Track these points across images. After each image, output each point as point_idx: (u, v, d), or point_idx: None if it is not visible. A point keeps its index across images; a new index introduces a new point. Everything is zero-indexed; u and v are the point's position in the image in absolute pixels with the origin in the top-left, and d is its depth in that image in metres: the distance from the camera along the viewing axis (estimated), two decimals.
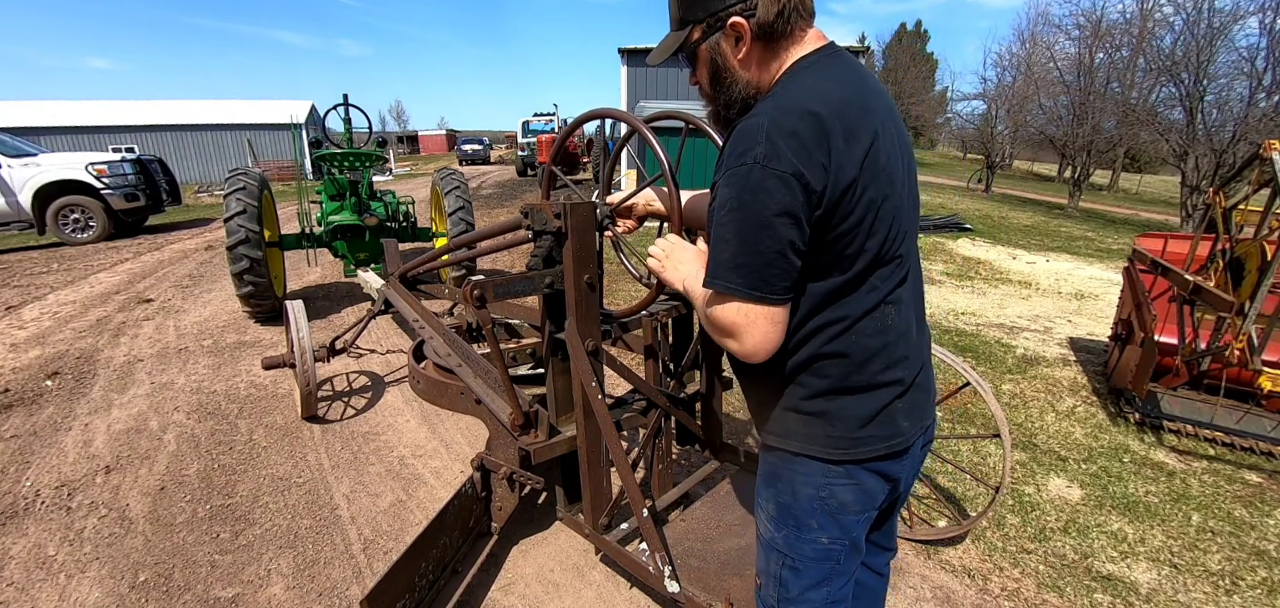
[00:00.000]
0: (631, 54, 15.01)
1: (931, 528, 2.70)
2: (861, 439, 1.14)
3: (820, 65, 1.08)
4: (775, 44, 1.10)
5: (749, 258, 1.01)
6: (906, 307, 1.16)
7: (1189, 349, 3.58)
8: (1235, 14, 13.81)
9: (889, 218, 1.06)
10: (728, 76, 1.14)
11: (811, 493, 1.18)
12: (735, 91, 1.15)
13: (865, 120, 1.02)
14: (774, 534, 1.26)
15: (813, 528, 1.20)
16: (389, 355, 4.74)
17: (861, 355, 1.11)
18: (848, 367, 1.11)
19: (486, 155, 36.83)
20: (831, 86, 1.03)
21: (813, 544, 1.21)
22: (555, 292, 1.90)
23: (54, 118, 26.22)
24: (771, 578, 1.29)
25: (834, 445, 1.14)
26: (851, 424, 1.13)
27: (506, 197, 16.43)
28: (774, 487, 1.25)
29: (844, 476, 1.16)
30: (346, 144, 6.38)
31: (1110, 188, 30.87)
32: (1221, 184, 3.86)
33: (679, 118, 2.10)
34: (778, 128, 0.97)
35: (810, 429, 1.16)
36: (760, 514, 1.31)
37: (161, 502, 2.85)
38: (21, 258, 8.48)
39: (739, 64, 1.12)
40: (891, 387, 1.14)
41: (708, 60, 1.15)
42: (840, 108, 0.99)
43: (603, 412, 1.84)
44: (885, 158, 1.04)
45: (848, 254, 1.05)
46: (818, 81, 1.04)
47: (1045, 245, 11.23)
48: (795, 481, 1.19)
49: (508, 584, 2.36)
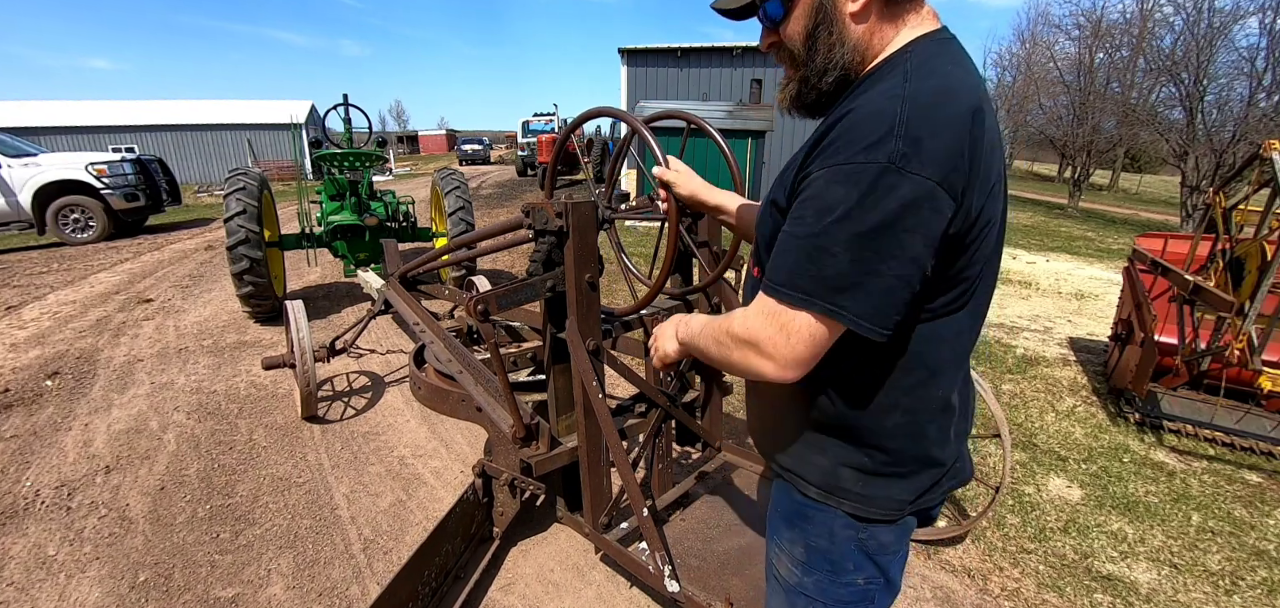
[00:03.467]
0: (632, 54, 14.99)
1: (931, 528, 2.70)
2: (911, 497, 1.03)
3: (948, 48, 0.89)
4: (897, 7, 0.90)
5: (862, 278, 0.80)
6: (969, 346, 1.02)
7: (1189, 349, 3.58)
8: (1235, 14, 13.84)
9: (998, 251, 0.93)
10: (835, 32, 0.91)
11: (851, 536, 1.04)
12: (837, 54, 0.92)
13: (993, 126, 0.85)
14: (802, 579, 1.10)
15: (849, 571, 1.06)
16: (389, 355, 4.74)
17: (931, 406, 0.98)
18: (918, 416, 0.97)
19: (486, 155, 36.84)
20: (970, 78, 0.85)
21: (849, 588, 1.08)
22: (556, 294, 1.90)
23: (54, 118, 26.21)
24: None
25: (883, 507, 1.02)
26: (905, 493, 1.01)
27: (506, 197, 16.43)
28: (802, 529, 1.09)
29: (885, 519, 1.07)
30: (346, 144, 6.38)
31: (1110, 188, 30.88)
32: (1221, 184, 3.86)
33: (679, 118, 2.10)
34: (922, 118, 0.78)
35: (857, 484, 1.01)
36: (781, 556, 1.14)
37: (161, 502, 2.85)
38: (21, 258, 8.47)
39: (851, 19, 0.90)
40: (952, 444, 1.03)
41: (810, 9, 0.92)
42: (982, 107, 0.82)
43: (603, 411, 1.84)
44: (999, 176, 0.89)
45: (959, 288, 0.89)
46: (956, 68, 0.86)
47: (1045, 245, 11.23)
48: (833, 525, 1.05)
49: (508, 584, 2.36)
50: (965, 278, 0.89)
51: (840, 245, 0.80)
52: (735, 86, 14.96)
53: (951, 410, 1.01)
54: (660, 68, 15.22)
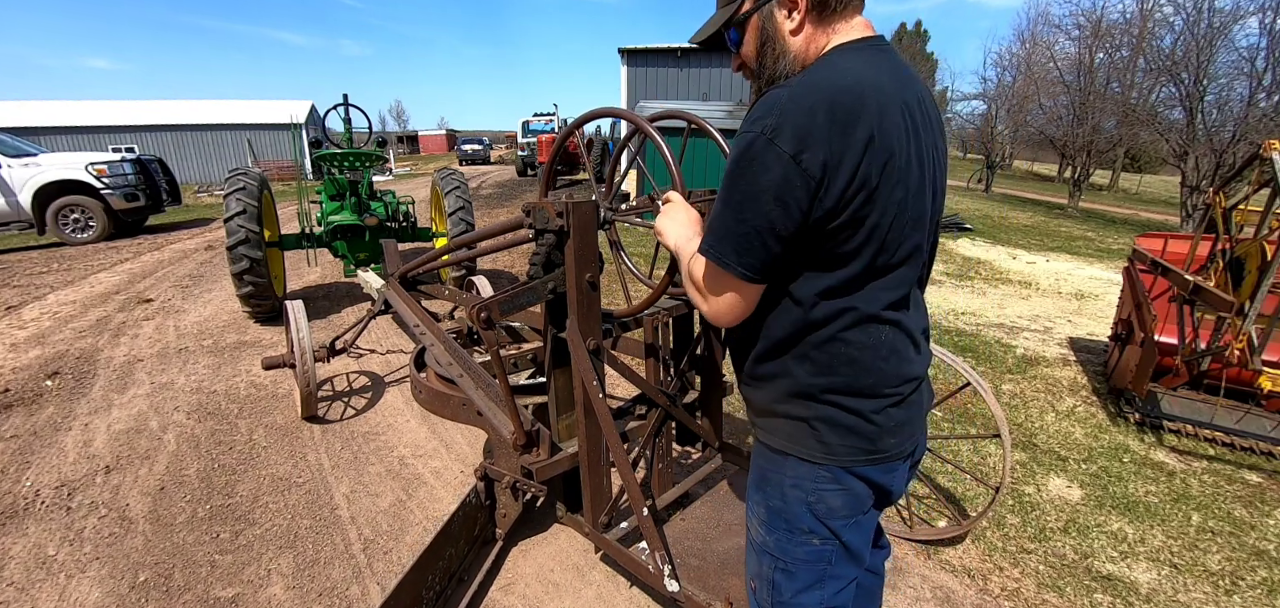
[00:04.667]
0: (631, 54, 14.99)
1: (931, 528, 2.70)
2: (842, 449, 1.13)
3: (862, 52, 1.05)
4: (827, 18, 1.07)
5: (733, 226, 1.02)
6: (906, 325, 1.13)
7: (1189, 349, 3.58)
8: (1235, 14, 13.83)
9: (897, 228, 1.02)
10: (777, 48, 1.11)
11: (800, 496, 1.17)
12: (782, 64, 1.12)
13: (891, 118, 0.98)
14: (765, 538, 1.26)
15: (803, 531, 1.19)
16: (389, 355, 4.74)
17: (850, 365, 1.09)
18: (836, 375, 1.09)
19: (486, 155, 36.83)
20: (869, 74, 0.99)
21: (804, 547, 1.20)
22: (557, 296, 1.90)
23: (54, 118, 26.20)
24: (765, 582, 1.29)
25: (818, 448, 1.14)
26: (835, 432, 1.12)
27: (506, 197, 16.43)
28: (763, 491, 1.25)
29: (831, 480, 1.15)
30: (346, 144, 6.38)
31: (1110, 188, 30.88)
32: (1221, 184, 3.86)
33: (680, 118, 2.10)
34: (796, 104, 0.95)
35: (795, 431, 1.16)
36: (752, 519, 1.31)
37: (161, 502, 2.85)
38: (21, 258, 8.47)
39: (790, 35, 1.09)
40: (880, 400, 1.12)
41: (758, 29, 1.13)
42: (868, 98, 0.96)
43: (603, 411, 1.84)
44: (904, 163, 1.00)
45: (842, 253, 1.02)
46: (854, 66, 1.01)
47: (1045, 245, 11.24)
48: (784, 484, 1.19)
49: (508, 584, 2.36)
50: (851, 239, 1.01)
51: (723, 197, 1.03)
52: (735, 86, 14.97)
53: (869, 370, 1.10)
54: (660, 68, 15.24)
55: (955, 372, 2.52)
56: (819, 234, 1.01)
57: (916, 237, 1.08)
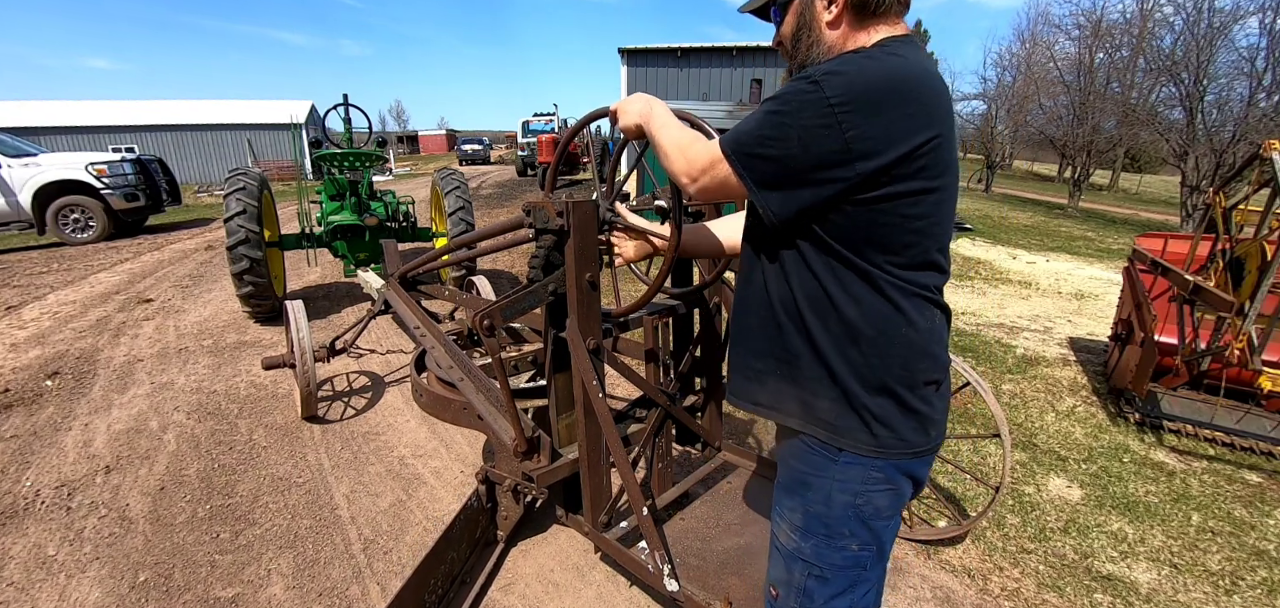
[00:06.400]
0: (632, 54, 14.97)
1: (931, 528, 2.70)
2: (894, 442, 1.11)
3: (906, 47, 1.06)
4: (866, 19, 1.09)
5: (758, 132, 1.03)
6: (944, 312, 1.16)
7: (1189, 349, 3.58)
8: (1235, 14, 13.83)
9: (938, 219, 1.05)
10: (811, 35, 1.12)
11: (847, 500, 1.14)
12: (815, 52, 1.12)
13: (937, 111, 1.00)
14: (800, 544, 1.21)
15: (844, 536, 1.16)
16: (389, 355, 4.74)
17: (908, 349, 1.08)
18: (892, 359, 1.08)
19: (486, 155, 36.83)
20: (918, 63, 1.02)
21: (842, 552, 1.17)
22: (557, 296, 1.90)
23: (54, 118, 26.21)
24: (794, 590, 1.24)
25: (878, 443, 1.10)
26: (895, 420, 1.10)
27: (506, 197, 16.43)
28: (802, 496, 1.19)
29: (883, 481, 1.13)
30: (346, 144, 6.38)
31: (1110, 188, 30.88)
32: (1221, 184, 3.86)
33: (680, 117, 2.09)
34: (850, 66, 0.98)
35: (849, 422, 1.11)
36: (781, 524, 1.25)
37: (161, 502, 2.85)
38: (21, 258, 8.48)
39: (826, 26, 1.11)
40: (931, 387, 1.12)
41: (798, 13, 1.14)
42: (919, 84, 0.99)
43: (603, 410, 1.84)
44: (950, 154, 1.03)
45: (904, 232, 1.02)
46: (909, 54, 1.03)
47: (1045, 245, 11.24)
48: (830, 489, 1.15)
49: (508, 584, 2.36)
50: (900, 217, 1.01)
51: (760, 114, 1.03)
52: (735, 86, 14.96)
53: (924, 355, 1.10)
54: (660, 68, 15.21)
55: (955, 371, 2.52)
56: (866, 202, 1.00)
57: (947, 231, 1.10)
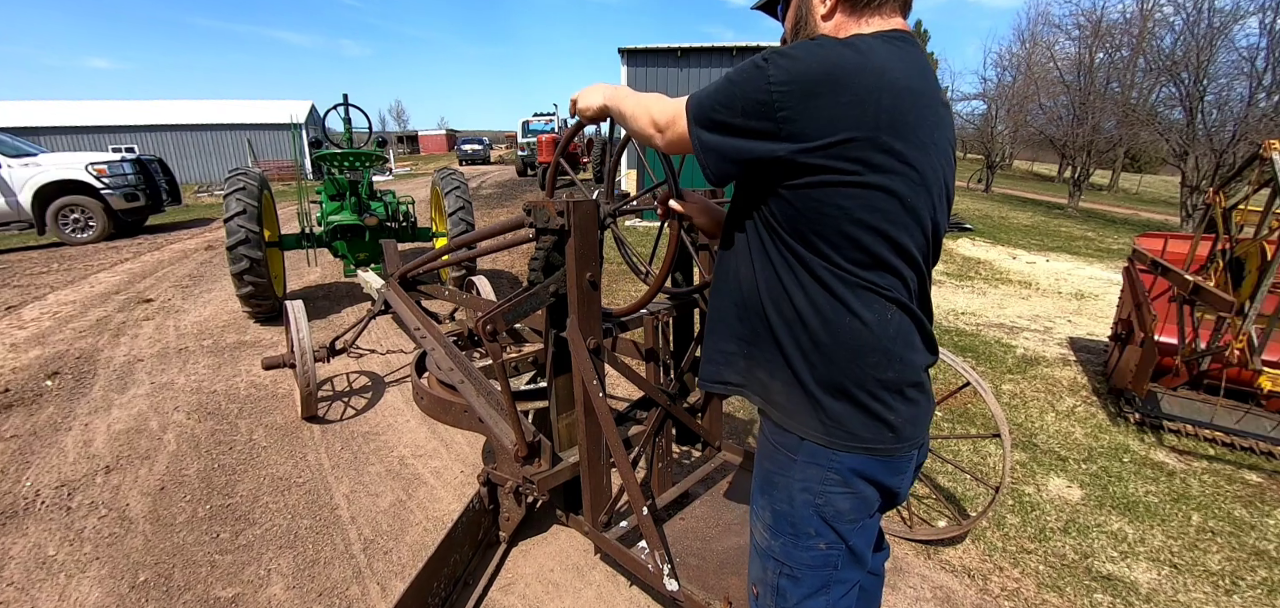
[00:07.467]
0: (631, 54, 14.96)
1: (931, 528, 2.70)
2: (845, 437, 1.11)
3: (887, 39, 1.05)
4: (859, 13, 1.11)
5: (713, 97, 1.08)
6: (916, 312, 1.14)
7: (1189, 349, 3.58)
8: (1235, 14, 13.82)
9: (891, 218, 1.03)
10: (808, 30, 1.16)
11: (808, 499, 1.17)
12: None
13: (883, 109, 0.98)
14: (771, 543, 1.25)
15: (810, 535, 1.18)
16: (389, 355, 4.74)
17: (852, 338, 1.08)
18: (837, 347, 1.09)
19: (486, 155, 36.81)
20: (882, 59, 1.00)
21: (810, 551, 1.19)
22: (558, 297, 1.90)
23: (54, 118, 26.22)
24: (769, 588, 1.27)
25: (826, 431, 1.12)
26: (844, 414, 1.11)
27: (506, 197, 16.43)
28: (769, 495, 1.24)
29: (840, 482, 1.14)
30: (346, 144, 6.37)
31: (1110, 188, 30.88)
32: (1221, 184, 3.86)
33: None
34: (801, 51, 1.00)
35: (798, 405, 1.15)
36: (756, 523, 1.29)
37: (161, 502, 2.85)
38: (21, 258, 8.48)
39: (821, 19, 1.14)
40: (887, 388, 1.11)
41: (796, 8, 1.19)
42: (867, 78, 0.97)
43: (603, 410, 1.84)
44: (915, 156, 1.02)
45: (829, 216, 1.03)
46: (874, 46, 1.02)
47: (1045, 245, 11.24)
48: (792, 488, 1.18)
49: (508, 584, 2.36)
50: (841, 205, 1.02)
51: (720, 82, 1.08)
52: None
53: (875, 351, 1.10)
54: (660, 68, 15.20)
55: (955, 372, 2.52)
56: (806, 186, 1.03)
57: (918, 232, 1.08)
